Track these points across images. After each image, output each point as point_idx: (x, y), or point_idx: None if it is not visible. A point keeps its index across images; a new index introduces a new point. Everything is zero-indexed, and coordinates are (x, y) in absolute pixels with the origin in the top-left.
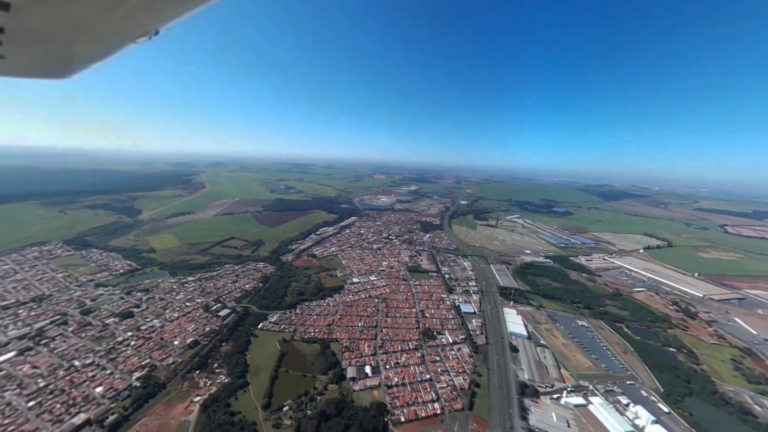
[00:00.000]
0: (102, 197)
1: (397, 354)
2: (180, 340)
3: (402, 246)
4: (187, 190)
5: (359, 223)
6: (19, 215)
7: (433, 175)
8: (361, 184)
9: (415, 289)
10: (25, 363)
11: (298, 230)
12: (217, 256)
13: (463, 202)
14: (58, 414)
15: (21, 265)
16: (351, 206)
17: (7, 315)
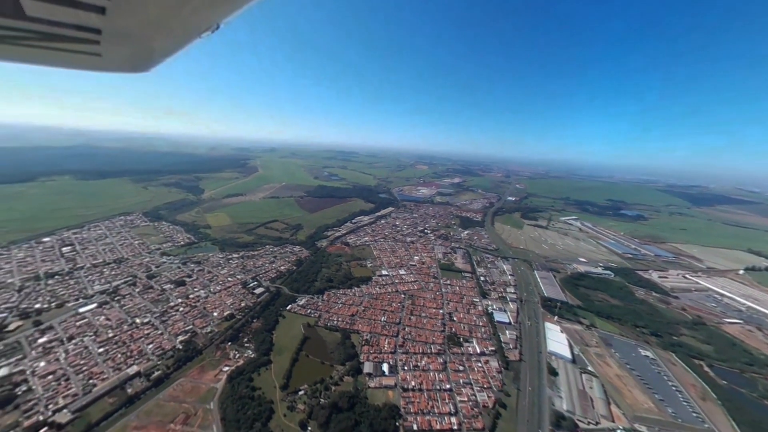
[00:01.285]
0: (175, 177)
1: (418, 356)
2: (219, 311)
3: (437, 241)
4: (242, 174)
5: (395, 214)
6: (113, 189)
7: (480, 168)
8: (403, 174)
9: (445, 288)
10: (101, 314)
11: (335, 217)
12: (260, 237)
13: (511, 198)
14: (118, 363)
15: (110, 230)
16: (389, 196)
17: (96, 272)
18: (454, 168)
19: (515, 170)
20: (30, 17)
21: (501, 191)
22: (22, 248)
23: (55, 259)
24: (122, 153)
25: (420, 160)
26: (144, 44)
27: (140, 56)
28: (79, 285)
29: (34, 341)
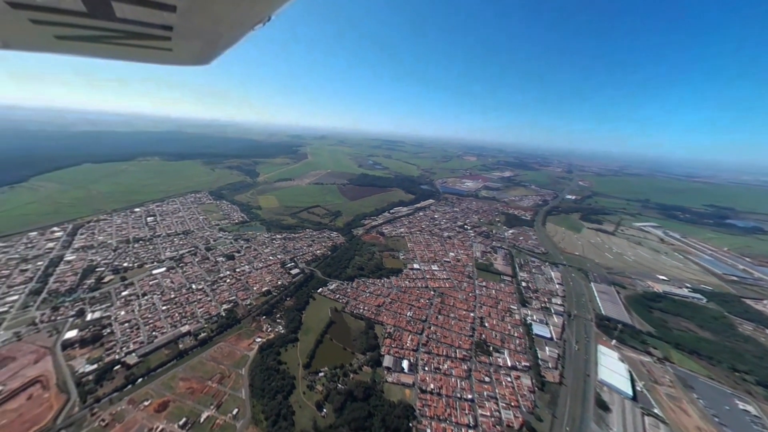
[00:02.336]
0: (237, 160)
1: (441, 358)
2: (258, 286)
3: (476, 238)
4: (293, 160)
5: (435, 207)
6: (188, 169)
7: (536, 161)
8: (448, 165)
9: (479, 290)
10: (168, 277)
11: (373, 206)
12: (302, 221)
13: (570, 197)
14: (175, 320)
15: (183, 205)
16: (431, 188)
17: (168, 240)
18: (506, 160)
19: (580, 165)
20: (119, 18)
21: (559, 188)
22: (120, 215)
23: (141, 226)
24: (200, 138)
25: (469, 151)
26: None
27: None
28: (155, 250)
29: (119, 293)
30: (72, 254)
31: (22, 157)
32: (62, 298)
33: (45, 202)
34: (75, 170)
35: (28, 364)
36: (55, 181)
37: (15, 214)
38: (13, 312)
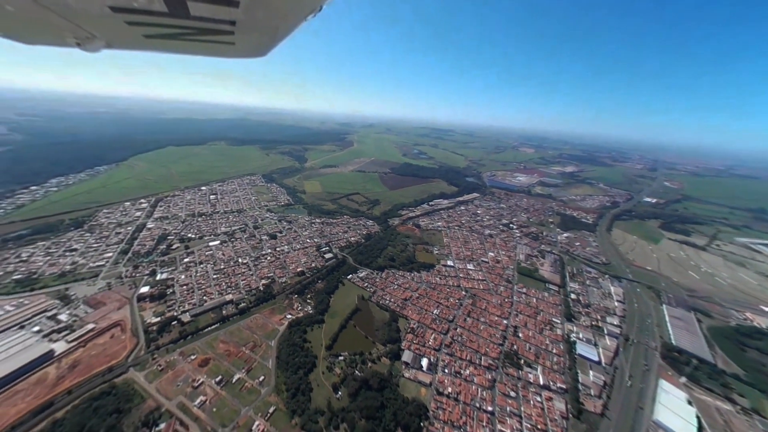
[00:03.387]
0: (289, 146)
1: (463, 363)
2: (294, 266)
3: (522, 239)
4: (339, 147)
5: (479, 202)
6: (247, 154)
7: (609, 155)
8: (500, 156)
9: (517, 297)
10: (220, 250)
11: (413, 197)
12: (341, 207)
13: (649, 200)
14: (221, 289)
15: (240, 186)
16: (477, 181)
17: (224, 217)
18: (571, 153)
19: (669, 162)
20: (193, 17)
21: (636, 188)
22: (190, 192)
23: (205, 203)
24: (260, 125)
25: (526, 141)
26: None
27: (262, 42)
28: (213, 224)
29: (182, 260)
30: (152, 223)
31: (125, 141)
32: (141, 258)
33: (137, 178)
34: (161, 152)
35: (113, 310)
36: (146, 160)
37: (116, 188)
38: (107, 266)
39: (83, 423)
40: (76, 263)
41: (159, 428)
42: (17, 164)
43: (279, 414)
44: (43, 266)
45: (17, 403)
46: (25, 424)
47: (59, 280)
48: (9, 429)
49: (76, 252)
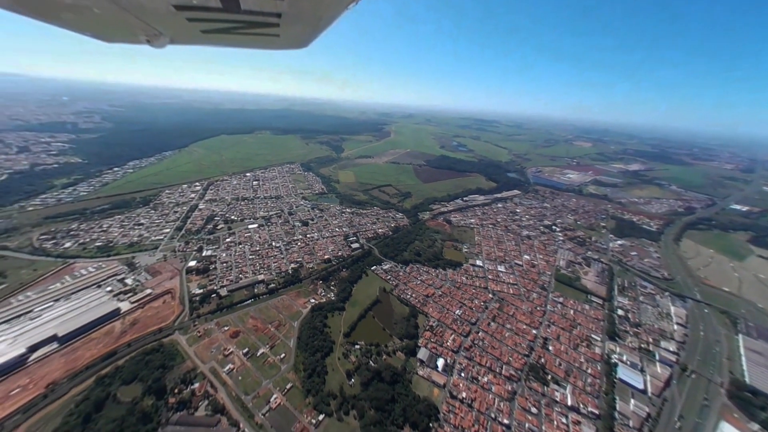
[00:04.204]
0: (327, 136)
1: (482, 369)
2: (321, 253)
3: (565, 244)
4: (376, 137)
5: (520, 200)
6: (288, 143)
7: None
8: (549, 151)
9: (552, 306)
10: (257, 233)
11: (446, 191)
12: (372, 198)
13: (738, 207)
14: (255, 269)
15: (279, 173)
16: (519, 177)
17: (263, 202)
18: (638, 149)
19: None
20: (243, 11)
21: (721, 192)
22: (236, 178)
23: (248, 188)
24: (302, 115)
25: (583, 134)
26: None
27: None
28: (253, 209)
29: (224, 239)
30: (203, 204)
31: (187, 129)
32: (191, 236)
33: (194, 163)
34: (215, 140)
35: (167, 279)
36: (203, 147)
37: (177, 171)
38: (165, 240)
39: (137, 372)
40: (141, 236)
41: (194, 386)
42: (106, 148)
43: (295, 391)
44: (118, 236)
45: (91, 348)
46: (95, 366)
47: (128, 249)
48: (84, 368)
49: (143, 226)
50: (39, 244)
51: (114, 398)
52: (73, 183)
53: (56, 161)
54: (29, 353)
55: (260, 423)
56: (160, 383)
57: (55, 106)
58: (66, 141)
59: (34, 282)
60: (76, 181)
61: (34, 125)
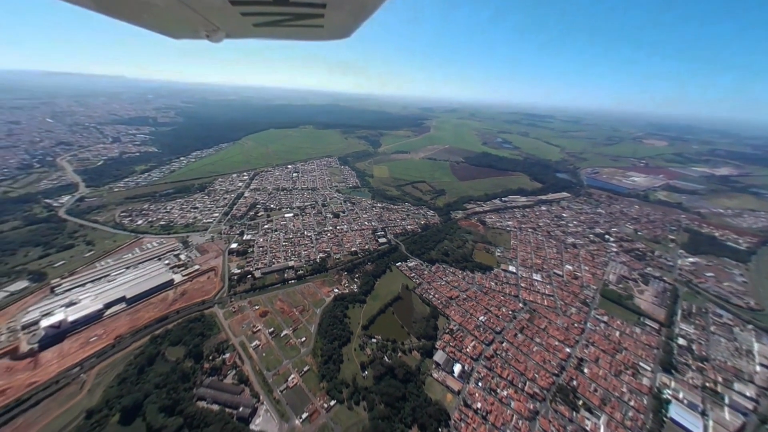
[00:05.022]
0: (366, 131)
1: (502, 382)
2: (349, 245)
3: (619, 256)
4: (414, 133)
5: (568, 203)
6: (329, 137)
7: None
8: (612, 150)
9: (593, 324)
10: (292, 222)
11: (484, 190)
12: (405, 194)
13: None
14: (287, 255)
15: (317, 167)
16: (571, 178)
17: (300, 193)
18: (733, 150)
19: None
20: (291, 2)
21: None
22: (278, 169)
23: (288, 180)
24: (345, 110)
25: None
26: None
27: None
28: (291, 199)
29: (263, 226)
30: (248, 192)
31: (242, 123)
32: (236, 220)
33: (244, 154)
34: (264, 133)
35: (212, 257)
36: (253, 140)
37: (229, 161)
38: (214, 223)
39: (181, 337)
40: (195, 218)
41: (225, 356)
42: (176, 140)
43: (311, 374)
44: (177, 217)
45: (150, 311)
46: (151, 327)
47: (184, 229)
48: (143, 327)
49: (197, 209)
50: (119, 220)
51: (162, 356)
52: (148, 169)
53: (138, 150)
54: (105, 309)
55: (277, 399)
56: (199, 349)
57: (142, 103)
58: (147, 133)
59: (112, 251)
60: (151, 167)
61: (125, 119)
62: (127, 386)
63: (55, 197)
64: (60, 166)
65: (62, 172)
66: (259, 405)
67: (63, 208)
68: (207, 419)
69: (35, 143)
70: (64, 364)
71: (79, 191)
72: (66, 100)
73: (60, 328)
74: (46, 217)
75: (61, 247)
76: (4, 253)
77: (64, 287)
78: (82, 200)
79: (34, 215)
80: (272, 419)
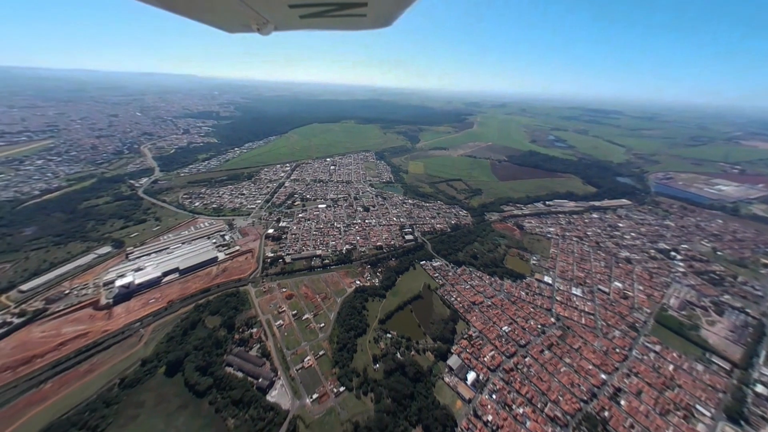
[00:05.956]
0: (405, 126)
1: (520, 399)
2: (375, 240)
3: (686, 278)
4: (455, 129)
5: (627, 212)
6: (368, 132)
7: None
8: (695, 152)
9: (640, 353)
10: (324, 213)
11: (526, 192)
12: (438, 192)
13: None
14: (316, 244)
15: (354, 160)
16: (635, 183)
17: (335, 186)
18: None
19: None
20: None
21: None
22: (318, 162)
23: (326, 172)
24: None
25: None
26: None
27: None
28: (326, 190)
29: (297, 215)
30: (288, 182)
31: (289, 117)
32: (275, 208)
33: (289, 147)
34: (308, 127)
35: (251, 240)
36: (298, 134)
37: (276, 153)
38: (256, 209)
39: (219, 308)
40: (241, 203)
41: (252, 330)
42: (233, 132)
43: (325, 359)
44: (226, 201)
45: (196, 283)
46: (196, 296)
47: (231, 212)
48: (190, 296)
49: (244, 196)
50: (181, 201)
51: (203, 323)
52: (208, 158)
53: (202, 141)
54: (162, 277)
55: (293, 377)
56: (232, 321)
57: (209, 98)
58: (210, 126)
59: (173, 228)
60: (211, 156)
61: (195, 113)
62: (173, 344)
63: (137, 179)
64: (143, 153)
65: (144, 158)
66: (276, 379)
67: (141, 188)
68: (232, 384)
69: (126, 133)
70: (129, 319)
71: (154, 175)
72: (152, 97)
73: (129, 289)
74: (129, 195)
75: (137, 221)
76: (97, 222)
77: (135, 255)
78: (156, 182)
79: (121, 193)
80: (286, 394)
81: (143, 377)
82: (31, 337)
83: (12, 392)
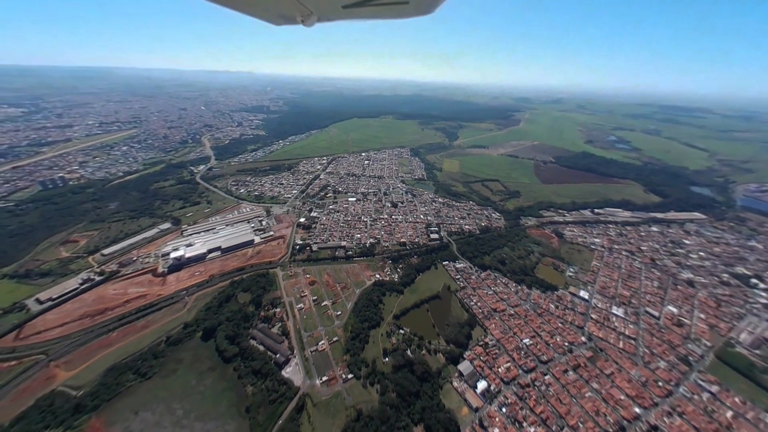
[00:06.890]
0: (445, 122)
1: (533, 419)
2: (399, 236)
3: (766, 310)
4: (498, 126)
5: (698, 227)
6: (405, 128)
7: None
8: None
9: (689, 391)
10: (353, 206)
11: (572, 197)
12: (472, 192)
13: None
14: (341, 235)
15: (389, 156)
16: (714, 194)
17: (367, 180)
18: None
19: None
20: None
21: None
22: (353, 156)
23: (359, 166)
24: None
25: None
26: None
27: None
28: (357, 184)
29: (328, 206)
30: (323, 175)
31: (331, 112)
32: (308, 199)
33: (328, 141)
34: (348, 122)
35: (284, 227)
36: (338, 128)
37: (315, 146)
38: (291, 199)
39: (250, 286)
40: (279, 192)
41: (276, 310)
42: (279, 126)
43: (338, 345)
44: (266, 190)
45: (234, 261)
46: (232, 273)
47: (270, 200)
48: (228, 273)
49: (282, 186)
50: (229, 188)
51: (235, 298)
52: (256, 149)
53: (253, 133)
54: (207, 254)
55: (307, 357)
56: (260, 299)
57: (262, 94)
58: (261, 119)
59: (220, 211)
60: (258, 147)
61: (249, 107)
62: (210, 313)
63: (196, 166)
64: (203, 143)
65: (203, 147)
66: (292, 357)
67: (198, 174)
68: (253, 355)
69: (192, 125)
70: (178, 287)
71: (210, 163)
72: (215, 92)
73: (180, 261)
74: (188, 180)
75: (193, 203)
76: (162, 202)
77: (188, 232)
78: (211, 170)
79: (182, 177)
80: (299, 372)
81: (184, 338)
82: (106, 293)
83: (89, 335)
